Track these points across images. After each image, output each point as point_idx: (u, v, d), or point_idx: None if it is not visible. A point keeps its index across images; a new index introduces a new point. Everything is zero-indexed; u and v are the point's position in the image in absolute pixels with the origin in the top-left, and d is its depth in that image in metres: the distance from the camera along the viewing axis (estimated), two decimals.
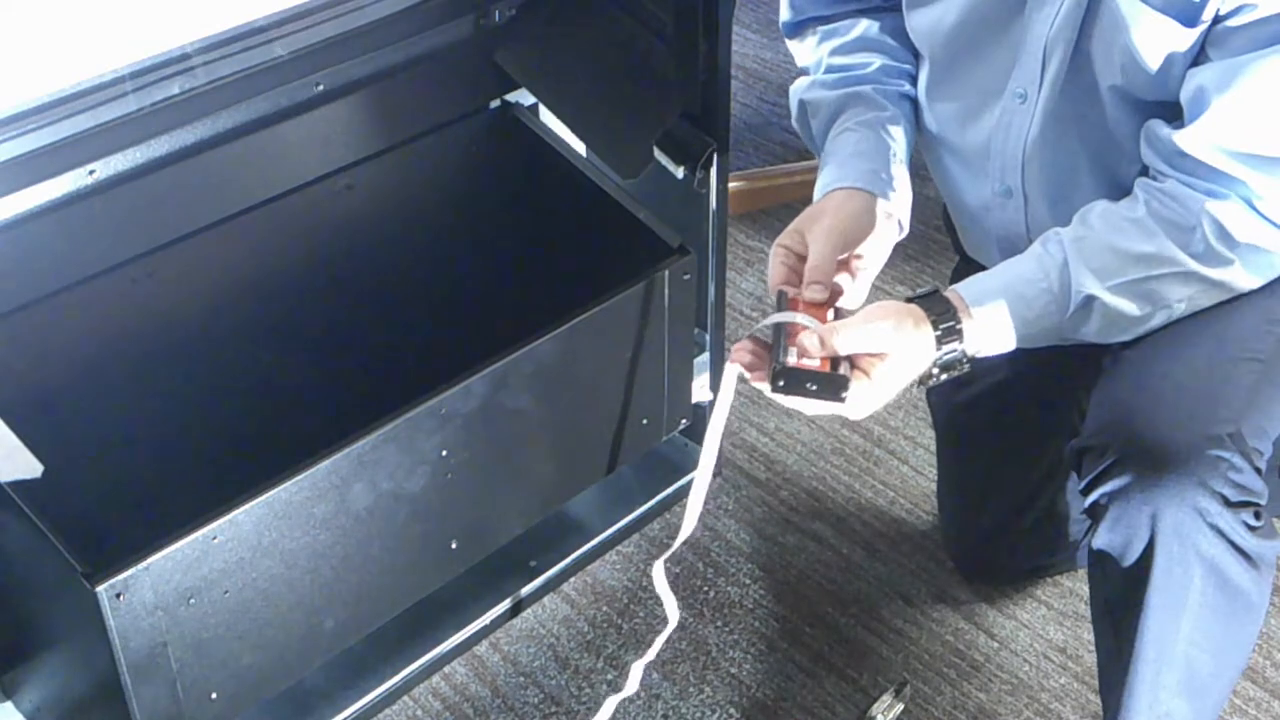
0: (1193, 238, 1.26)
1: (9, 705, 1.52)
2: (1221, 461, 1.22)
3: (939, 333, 1.27)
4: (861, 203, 1.37)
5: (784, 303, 1.32)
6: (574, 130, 1.73)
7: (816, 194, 1.42)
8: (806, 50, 1.52)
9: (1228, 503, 1.22)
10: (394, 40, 1.56)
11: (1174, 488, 1.22)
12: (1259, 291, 1.31)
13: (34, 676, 1.50)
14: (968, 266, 1.65)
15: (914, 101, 1.49)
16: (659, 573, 1.41)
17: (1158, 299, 1.30)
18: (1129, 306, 1.30)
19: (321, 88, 1.52)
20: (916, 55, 1.50)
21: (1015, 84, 1.36)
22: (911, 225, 2.35)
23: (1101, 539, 1.29)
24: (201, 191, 1.47)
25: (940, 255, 2.26)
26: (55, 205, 1.35)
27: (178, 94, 1.39)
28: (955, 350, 1.28)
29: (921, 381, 1.30)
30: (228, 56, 1.41)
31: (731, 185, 1.65)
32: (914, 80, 1.49)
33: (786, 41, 1.55)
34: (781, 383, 1.22)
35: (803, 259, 1.34)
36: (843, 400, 1.22)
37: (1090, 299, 1.28)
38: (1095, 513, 1.29)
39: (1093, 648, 1.67)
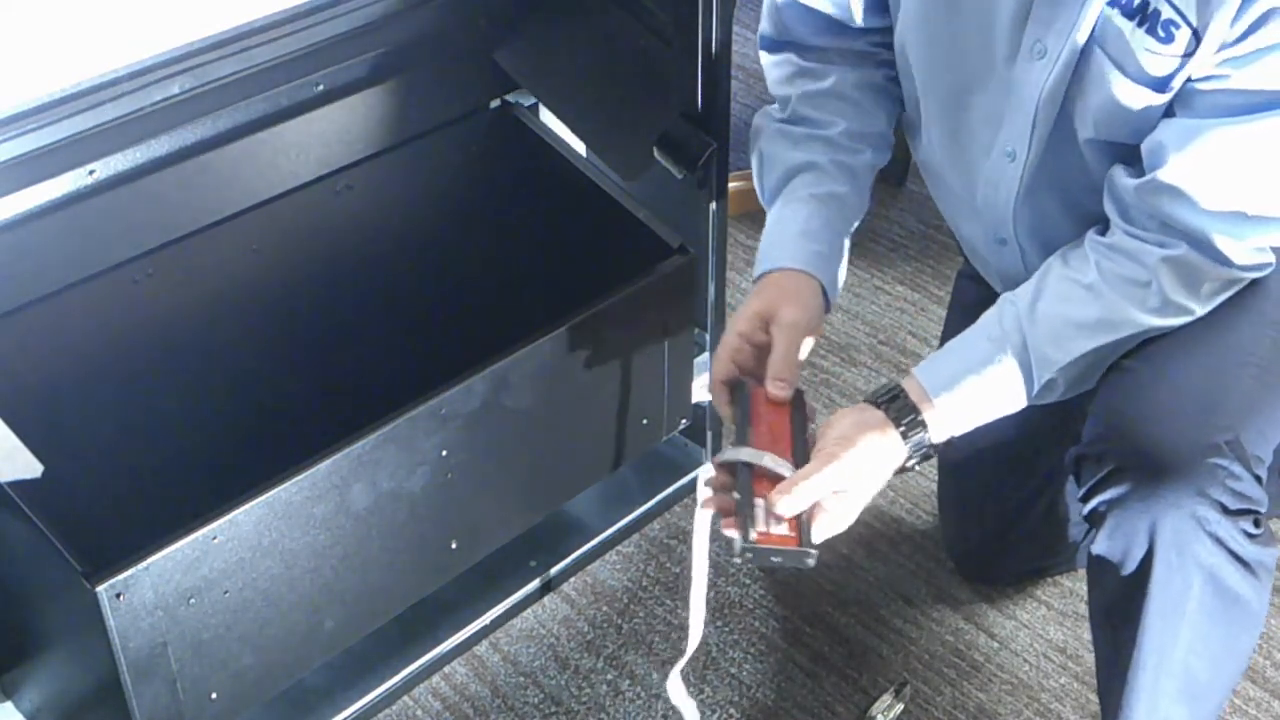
0: (1149, 292, 1.27)
1: (9, 705, 1.52)
2: (1220, 470, 1.21)
3: (903, 428, 1.27)
4: (810, 287, 1.36)
5: (744, 396, 1.31)
6: (574, 130, 1.73)
7: (763, 259, 1.39)
8: (779, 76, 1.49)
9: (1226, 511, 1.22)
10: (394, 40, 1.56)
11: (1172, 496, 1.22)
12: (1254, 294, 1.31)
13: (34, 676, 1.50)
14: (971, 268, 1.65)
15: (873, 168, 1.47)
16: (675, 683, 1.41)
17: (1117, 354, 1.31)
18: (1091, 369, 1.31)
19: (321, 88, 1.52)
20: (889, 109, 1.48)
21: (1004, 142, 1.36)
22: (912, 225, 2.37)
23: (1100, 546, 1.28)
24: (201, 191, 1.47)
25: (940, 255, 2.26)
26: (55, 205, 1.36)
27: (178, 94, 1.39)
28: (922, 442, 1.28)
29: (898, 471, 1.30)
30: (228, 56, 1.41)
31: (731, 185, 1.65)
32: (879, 142, 1.47)
33: (761, 54, 1.51)
34: (749, 555, 1.23)
35: (757, 346, 1.33)
36: (809, 567, 1.23)
37: (1052, 380, 1.30)
38: (1094, 520, 1.29)
39: (1093, 647, 1.67)
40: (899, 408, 1.28)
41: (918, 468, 1.30)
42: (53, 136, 1.31)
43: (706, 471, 1.31)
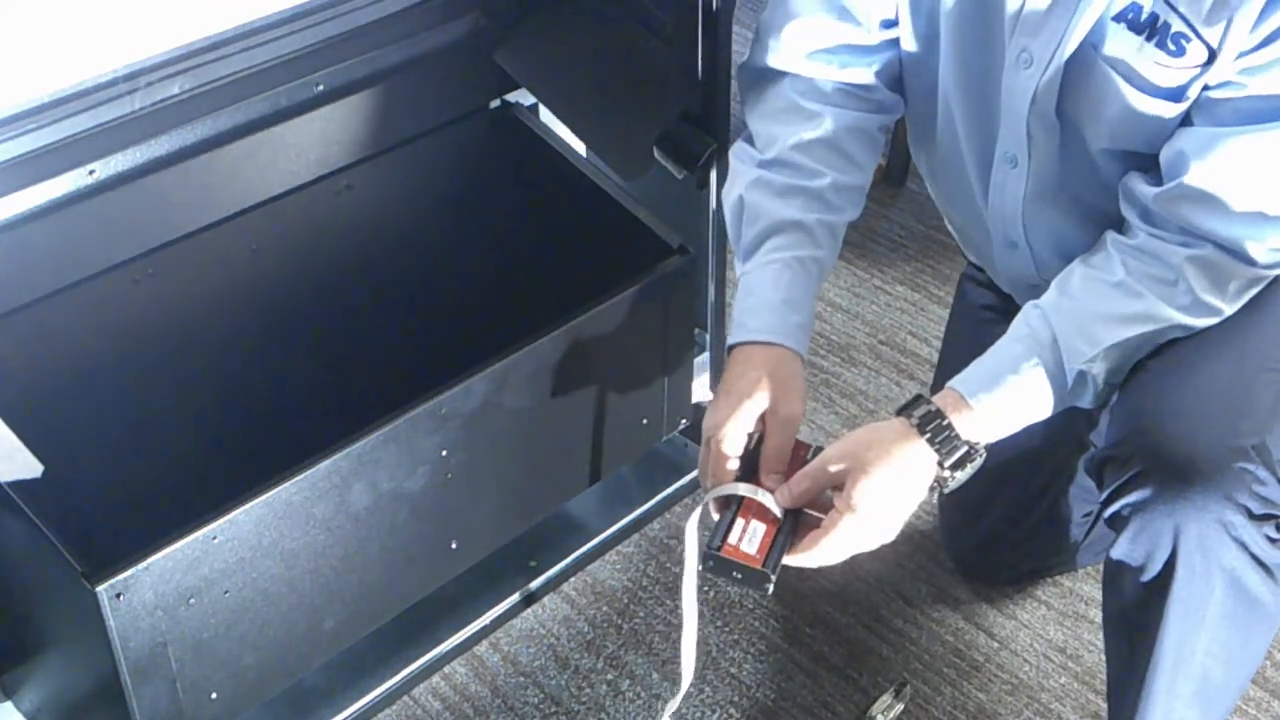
0: (1176, 291, 1.27)
1: (9, 705, 1.52)
2: (1246, 474, 1.21)
3: (929, 435, 1.24)
4: (797, 367, 1.33)
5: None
6: (574, 130, 1.73)
7: (744, 325, 1.35)
8: (768, 111, 1.42)
9: (1251, 515, 1.22)
10: (394, 40, 1.56)
11: (1199, 501, 1.21)
12: (1277, 299, 1.31)
13: (34, 676, 1.50)
14: (976, 270, 1.65)
15: (847, 224, 1.44)
16: None
17: (1144, 351, 1.30)
18: (1122, 367, 1.30)
19: (321, 88, 1.52)
20: (872, 164, 1.45)
21: (1004, 148, 1.36)
22: (912, 225, 2.37)
23: (1121, 550, 1.28)
24: (201, 191, 1.47)
25: (940, 255, 2.26)
26: (55, 205, 1.35)
27: (178, 94, 1.39)
28: (955, 444, 1.25)
29: (940, 486, 1.27)
30: (228, 56, 1.41)
31: None
32: (858, 198, 1.44)
33: (744, 85, 1.45)
34: (711, 564, 1.24)
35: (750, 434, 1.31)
36: (766, 592, 1.24)
37: (1084, 374, 1.29)
38: (1116, 524, 1.28)
39: (1092, 648, 1.67)
40: (922, 415, 1.25)
41: (958, 475, 1.26)
42: (53, 136, 1.31)
43: (693, 523, 1.31)
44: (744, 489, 1.26)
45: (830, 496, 1.25)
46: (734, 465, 1.29)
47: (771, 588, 1.23)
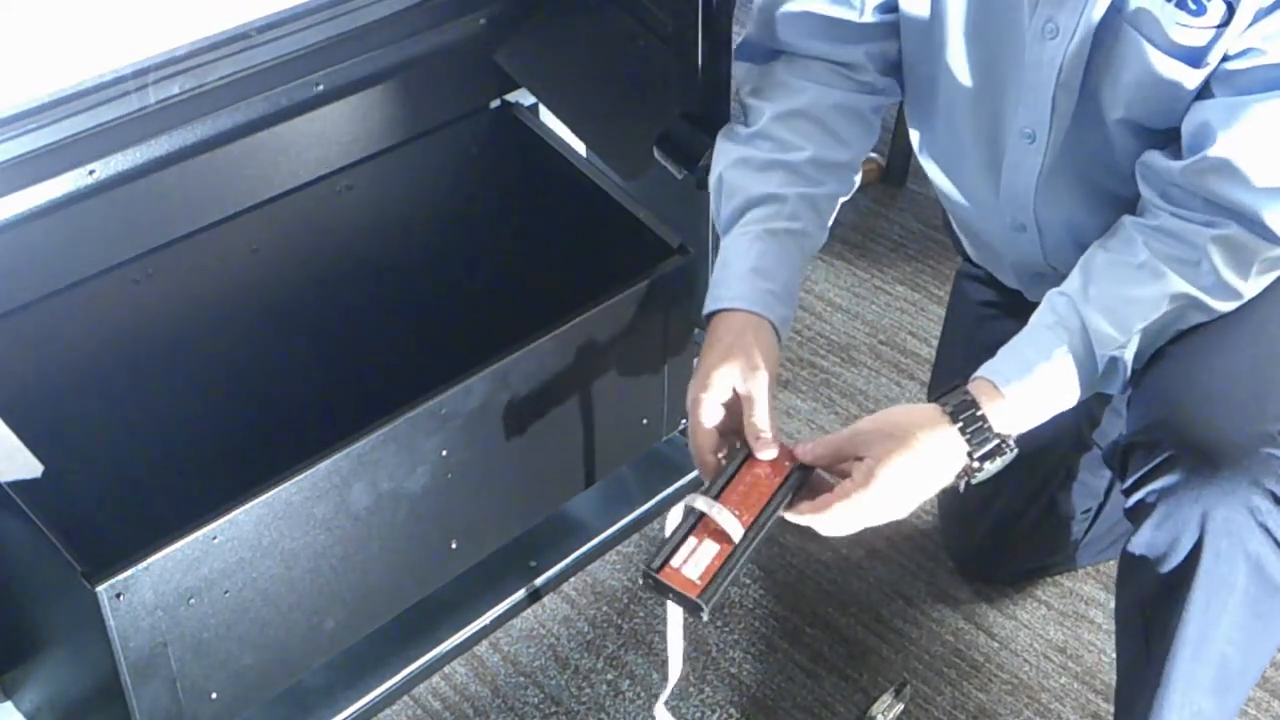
0: (1199, 271, 1.26)
1: (9, 705, 1.52)
2: (1274, 460, 1.21)
3: (962, 424, 1.23)
4: (765, 331, 1.32)
5: (739, 456, 1.25)
6: (574, 130, 1.73)
7: (712, 296, 1.35)
8: (756, 87, 1.44)
9: (1277, 501, 1.22)
10: (394, 40, 1.56)
11: (1227, 485, 1.21)
12: None
13: (34, 676, 1.50)
14: (974, 268, 1.65)
15: (835, 199, 1.43)
16: (662, 713, 1.41)
17: (1175, 330, 1.29)
18: (1145, 350, 1.29)
19: (321, 88, 1.52)
20: (861, 140, 1.45)
21: (1021, 124, 1.35)
22: (911, 225, 2.37)
23: (1144, 537, 1.27)
24: (201, 191, 1.47)
25: (940, 255, 2.26)
26: (55, 205, 1.35)
27: (178, 94, 1.39)
28: (987, 436, 1.24)
29: (968, 476, 1.26)
30: (228, 56, 1.41)
31: None
32: (843, 173, 1.43)
33: (737, 64, 1.47)
34: (649, 583, 1.22)
35: (726, 406, 1.29)
36: (700, 618, 1.21)
37: (1115, 360, 1.28)
38: (1139, 512, 1.27)
39: (1092, 648, 1.68)
40: (956, 403, 1.24)
41: (986, 466, 1.25)
42: (53, 136, 1.31)
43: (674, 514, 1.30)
44: (702, 503, 1.22)
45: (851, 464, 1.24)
46: (712, 440, 1.27)
47: (706, 617, 1.20)
